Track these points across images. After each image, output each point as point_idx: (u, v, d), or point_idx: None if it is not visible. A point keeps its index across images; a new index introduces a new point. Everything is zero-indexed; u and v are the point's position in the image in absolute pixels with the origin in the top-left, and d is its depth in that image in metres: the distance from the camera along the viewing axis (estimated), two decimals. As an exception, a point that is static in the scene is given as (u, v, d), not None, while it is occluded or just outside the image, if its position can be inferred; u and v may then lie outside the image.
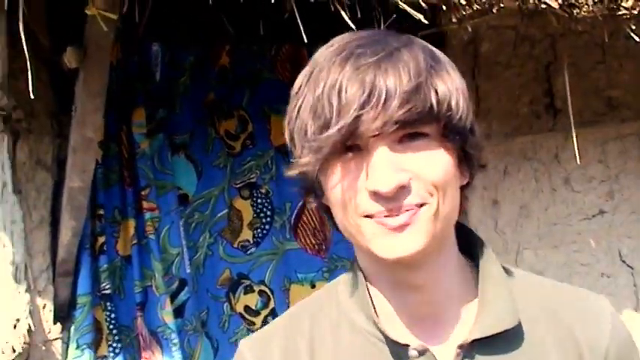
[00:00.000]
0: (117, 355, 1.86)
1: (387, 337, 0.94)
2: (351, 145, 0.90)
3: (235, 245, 2.08)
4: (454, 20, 1.81)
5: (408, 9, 1.56)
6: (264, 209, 2.08)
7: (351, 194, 0.92)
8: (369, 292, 0.99)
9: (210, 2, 1.56)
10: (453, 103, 0.91)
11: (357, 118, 0.86)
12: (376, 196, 0.90)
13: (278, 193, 2.08)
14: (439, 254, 0.97)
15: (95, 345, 1.84)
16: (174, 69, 2.03)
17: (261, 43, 2.09)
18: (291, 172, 0.95)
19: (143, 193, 1.92)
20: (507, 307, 0.98)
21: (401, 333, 0.96)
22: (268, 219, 2.07)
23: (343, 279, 1.03)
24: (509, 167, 2.40)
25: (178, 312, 1.95)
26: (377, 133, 0.87)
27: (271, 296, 2.06)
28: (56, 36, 1.87)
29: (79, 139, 1.74)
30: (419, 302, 0.97)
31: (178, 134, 2.04)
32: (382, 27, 1.59)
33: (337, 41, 0.93)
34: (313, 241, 2.11)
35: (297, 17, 1.54)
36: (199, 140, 2.06)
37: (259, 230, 2.07)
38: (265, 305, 2.06)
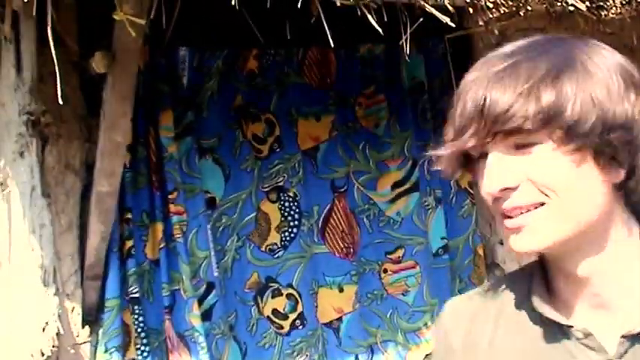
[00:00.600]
0: (145, 358, 1.88)
1: (554, 320, 1.02)
2: (472, 154, 1.00)
3: (263, 249, 2.08)
4: (481, 23, 1.79)
5: (435, 12, 1.54)
6: (292, 212, 2.07)
7: (483, 196, 1.02)
8: (546, 277, 1.08)
9: (237, 7, 1.56)
10: (567, 106, 0.96)
11: (463, 130, 0.97)
12: (490, 197, 0.98)
13: (305, 197, 2.07)
14: (592, 248, 1.03)
15: (124, 348, 1.86)
16: (202, 73, 2.04)
17: (289, 47, 2.08)
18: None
19: (171, 196, 1.93)
20: None
21: (567, 315, 1.03)
22: (296, 222, 2.07)
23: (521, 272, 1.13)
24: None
25: (206, 315, 1.95)
26: (483, 143, 0.97)
27: (299, 299, 2.06)
28: (85, 41, 1.89)
29: (108, 143, 1.75)
30: (586, 292, 1.03)
31: (206, 138, 2.04)
32: (407, 30, 1.57)
33: (504, 47, 1.02)
34: (341, 245, 2.10)
35: (324, 21, 1.54)
36: (227, 144, 2.07)
37: (287, 233, 2.07)
38: (294, 309, 2.05)
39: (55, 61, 1.51)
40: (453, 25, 1.56)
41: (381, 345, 2.08)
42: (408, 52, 1.58)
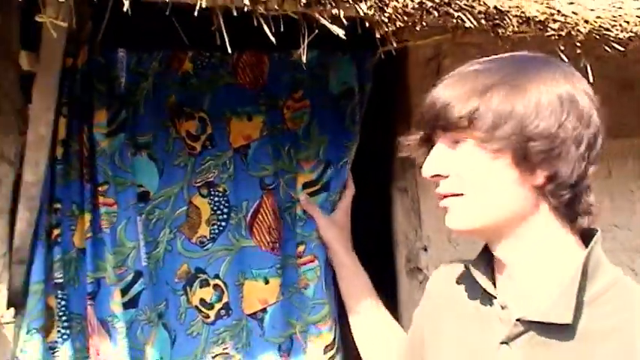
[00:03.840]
0: (65, 340, 1.98)
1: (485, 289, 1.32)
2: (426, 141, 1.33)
3: (193, 241, 2.18)
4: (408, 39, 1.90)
5: (328, 25, 1.62)
6: (221, 207, 2.17)
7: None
8: (490, 263, 1.36)
9: (167, 14, 1.67)
10: (487, 115, 1.21)
11: (418, 121, 1.33)
12: (428, 180, 1.31)
13: (235, 192, 2.17)
14: (510, 238, 1.27)
15: (46, 330, 1.96)
16: (139, 74, 2.14)
17: (223, 51, 2.18)
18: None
19: (100, 189, 2.04)
20: (568, 304, 1.20)
21: (501, 293, 1.30)
22: (225, 216, 2.16)
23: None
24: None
25: (132, 302, 2.05)
26: (430, 134, 1.31)
27: (225, 290, 2.15)
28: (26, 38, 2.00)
29: (33, 135, 1.87)
30: (504, 274, 1.31)
31: (141, 135, 2.15)
32: (305, 42, 1.66)
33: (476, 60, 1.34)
34: (268, 239, 2.19)
35: (224, 30, 1.63)
36: (161, 141, 2.17)
37: (216, 227, 2.17)
38: (219, 299, 2.15)
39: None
40: (344, 37, 1.64)
41: (300, 335, 2.17)
42: (305, 60, 1.66)
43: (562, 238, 1.27)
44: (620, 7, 1.93)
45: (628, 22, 1.92)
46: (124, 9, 1.57)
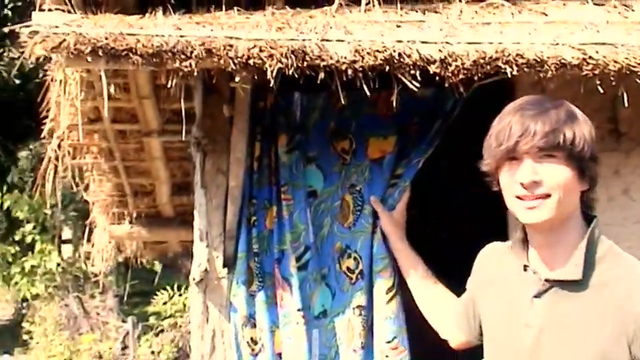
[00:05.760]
0: (260, 290, 2.97)
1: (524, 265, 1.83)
2: (512, 157, 1.73)
3: (345, 225, 3.07)
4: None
5: (407, 81, 2.43)
6: (358, 202, 3.04)
7: (510, 183, 1.76)
8: (525, 243, 1.85)
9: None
10: (576, 142, 1.71)
11: (516, 143, 1.71)
12: (521, 185, 1.72)
13: (368, 191, 3.02)
14: (561, 227, 1.75)
15: (248, 283, 2.98)
16: (308, 108, 3.08)
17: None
18: (482, 167, 1.84)
19: (283, 189, 3.01)
20: (577, 266, 1.73)
21: (533, 263, 1.82)
22: (359, 208, 3.03)
23: (514, 236, 1.90)
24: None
25: (303, 267, 3.00)
26: (525, 152, 1.71)
27: (360, 261, 3.01)
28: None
29: (233, 157, 2.90)
30: (543, 252, 1.79)
31: (310, 151, 3.09)
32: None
33: (518, 100, 1.81)
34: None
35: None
36: (324, 155, 3.09)
37: (356, 216, 3.04)
38: (357, 267, 3.02)
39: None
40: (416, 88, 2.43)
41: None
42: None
43: (580, 224, 1.83)
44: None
45: (655, 59, 2.45)
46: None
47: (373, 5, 2.78)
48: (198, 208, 2.98)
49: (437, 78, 2.49)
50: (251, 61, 2.40)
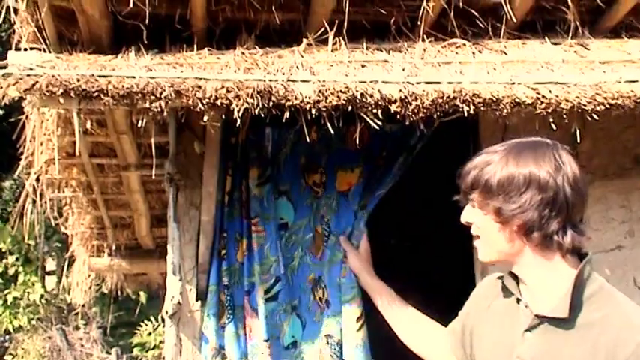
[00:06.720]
0: (230, 321, 3.05)
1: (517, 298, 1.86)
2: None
3: (317, 256, 3.15)
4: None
5: (370, 120, 2.53)
6: (326, 232, 3.12)
7: None
8: (514, 276, 1.90)
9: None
10: (488, 185, 1.79)
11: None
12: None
13: (336, 222, 3.10)
14: (523, 266, 1.83)
15: (219, 315, 3.05)
16: (279, 143, 3.18)
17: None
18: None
19: (253, 221, 3.09)
20: (565, 304, 1.73)
21: (525, 297, 1.84)
22: (326, 238, 3.11)
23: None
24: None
25: (274, 297, 3.08)
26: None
27: (325, 290, 3.07)
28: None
29: (205, 192, 2.98)
30: (533, 289, 1.83)
31: (282, 185, 3.18)
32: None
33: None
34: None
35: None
36: (295, 188, 3.18)
37: (324, 246, 3.12)
38: (323, 295, 3.09)
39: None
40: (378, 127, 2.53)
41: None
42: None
43: (554, 262, 1.80)
44: (597, 84, 2.58)
45: (605, 97, 2.56)
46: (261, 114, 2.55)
47: (340, 45, 2.87)
48: (171, 242, 3.05)
49: (397, 116, 2.58)
50: (218, 101, 2.48)
